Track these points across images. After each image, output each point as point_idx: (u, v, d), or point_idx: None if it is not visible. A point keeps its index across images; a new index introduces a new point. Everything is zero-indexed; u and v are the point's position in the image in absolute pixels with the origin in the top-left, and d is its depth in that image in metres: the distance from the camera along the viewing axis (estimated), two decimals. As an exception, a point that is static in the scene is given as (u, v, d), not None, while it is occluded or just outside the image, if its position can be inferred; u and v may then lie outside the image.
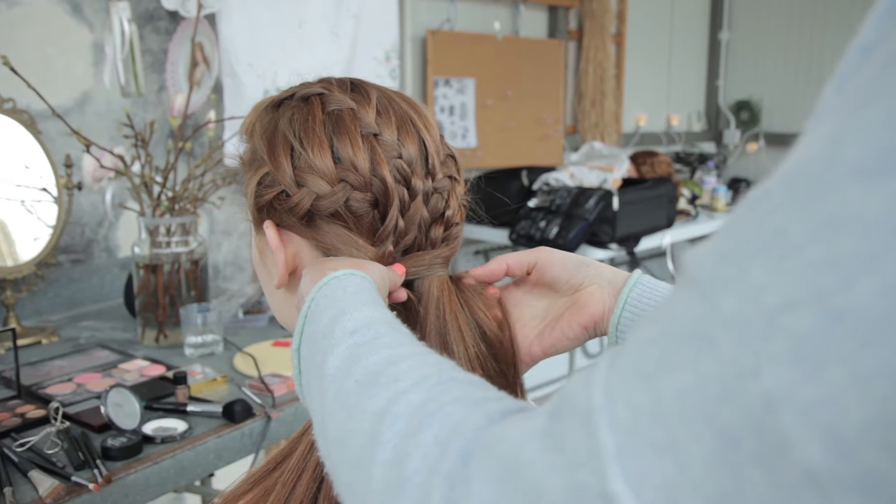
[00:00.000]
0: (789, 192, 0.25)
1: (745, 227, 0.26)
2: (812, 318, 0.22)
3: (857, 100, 0.24)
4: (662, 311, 0.27)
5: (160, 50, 1.95)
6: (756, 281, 0.24)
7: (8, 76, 1.30)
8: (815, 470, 0.21)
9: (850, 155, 0.23)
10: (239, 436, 1.11)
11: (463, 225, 0.65)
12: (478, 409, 0.33)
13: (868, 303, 0.21)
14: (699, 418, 0.24)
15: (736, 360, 0.23)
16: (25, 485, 0.92)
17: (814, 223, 0.23)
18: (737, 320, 0.24)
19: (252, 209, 0.63)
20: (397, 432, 0.34)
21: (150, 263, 1.45)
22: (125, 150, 1.50)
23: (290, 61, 2.16)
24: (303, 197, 0.57)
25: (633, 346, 0.28)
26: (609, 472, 0.25)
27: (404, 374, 0.38)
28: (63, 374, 1.29)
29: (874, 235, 0.22)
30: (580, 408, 0.27)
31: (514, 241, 2.59)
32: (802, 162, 0.25)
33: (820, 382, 0.22)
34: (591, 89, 3.37)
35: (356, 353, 0.42)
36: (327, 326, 0.46)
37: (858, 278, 0.21)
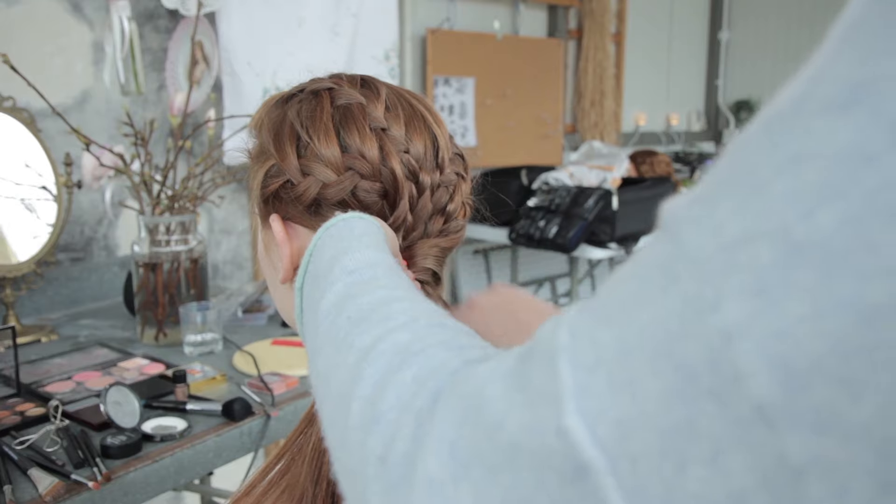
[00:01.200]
0: (762, 132, 0.24)
1: (718, 171, 0.25)
2: (772, 250, 0.22)
3: (838, 41, 0.24)
4: (632, 258, 0.27)
5: (160, 48, 1.95)
6: (721, 217, 0.23)
7: (8, 74, 1.30)
8: (767, 404, 0.21)
9: (822, 91, 0.23)
10: (238, 434, 1.11)
11: (465, 223, 0.65)
12: (460, 352, 0.34)
13: (828, 234, 0.21)
14: (659, 353, 0.24)
15: (697, 293, 0.23)
16: (25, 483, 0.92)
17: (780, 159, 0.23)
18: (700, 255, 0.24)
19: (258, 201, 0.63)
20: (378, 369, 0.34)
21: (149, 262, 1.45)
22: (125, 149, 1.50)
23: (289, 60, 2.16)
24: (309, 185, 0.57)
25: (603, 289, 0.28)
26: (565, 408, 0.25)
27: (395, 314, 0.38)
28: (62, 373, 1.30)
29: (838, 166, 0.21)
30: (546, 348, 0.27)
31: (514, 240, 2.59)
32: (779, 101, 0.24)
33: (777, 315, 0.21)
34: (591, 89, 3.37)
35: (352, 291, 0.42)
36: (328, 264, 0.46)
37: (819, 209, 0.21)
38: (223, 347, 1.43)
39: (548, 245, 2.48)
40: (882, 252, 0.20)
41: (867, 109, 0.21)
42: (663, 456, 0.23)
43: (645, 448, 0.23)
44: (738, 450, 0.22)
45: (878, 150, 0.21)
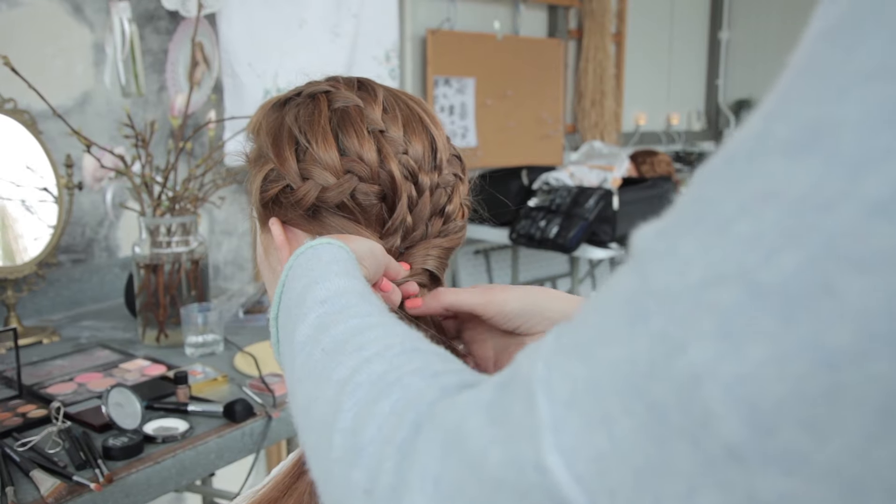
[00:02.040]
0: (724, 168, 0.25)
1: (684, 204, 0.26)
2: (736, 293, 0.22)
3: (795, 74, 0.24)
4: (606, 285, 0.28)
5: (160, 50, 1.95)
6: (686, 255, 0.24)
7: (9, 76, 1.30)
8: (737, 445, 0.22)
9: (779, 129, 0.23)
10: (240, 435, 1.11)
11: (465, 223, 0.65)
12: (436, 380, 0.34)
13: (788, 278, 0.21)
14: (630, 392, 0.24)
15: (665, 334, 0.23)
16: (27, 484, 0.92)
17: (742, 198, 0.23)
18: (666, 294, 0.24)
19: (257, 206, 0.63)
20: (357, 401, 0.35)
21: (150, 263, 1.45)
22: (126, 150, 1.50)
23: (290, 61, 2.16)
24: (308, 189, 0.57)
25: (577, 319, 0.28)
26: (544, 444, 0.26)
27: (369, 343, 0.39)
28: (64, 374, 1.30)
29: (797, 210, 0.22)
30: (524, 379, 0.28)
31: (514, 240, 2.59)
32: (740, 137, 0.25)
33: (741, 359, 0.22)
34: (591, 88, 3.37)
35: (325, 321, 0.43)
36: (300, 295, 0.47)
37: (780, 254, 0.21)
38: (224, 348, 1.43)
39: (548, 245, 2.48)
40: (841, 297, 0.20)
41: (823, 153, 0.22)
42: (640, 493, 0.24)
43: (622, 485, 0.24)
44: (711, 488, 0.22)
45: (834, 197, 0.21)
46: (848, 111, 0.21)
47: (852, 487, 0.21)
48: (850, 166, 0.21)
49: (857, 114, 0.21)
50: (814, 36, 0.24)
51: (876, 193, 0.20)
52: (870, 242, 0.20)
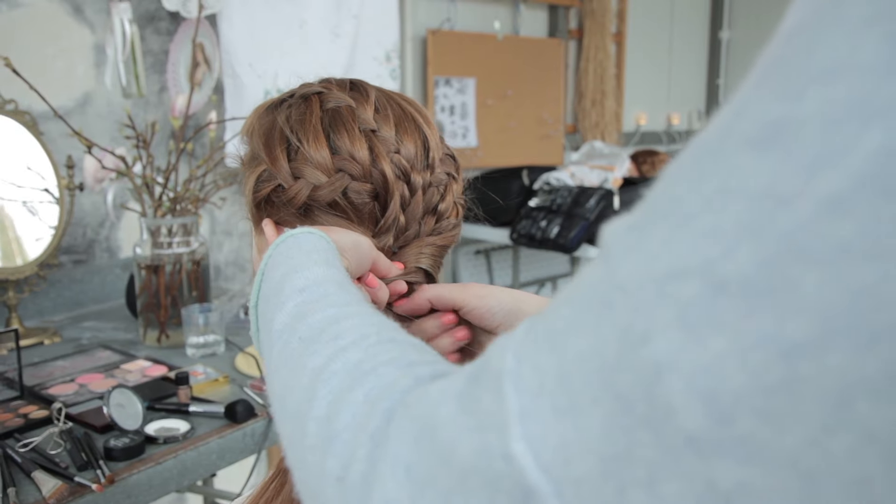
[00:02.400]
0: (691, 163, 0.25)
1: (652, 198, 0.26)
2: (697, 286, 0.23)
3: (760, 72, 0.25)
4: (577, 278, 0.28)
5: (161, 51, 1.95)
6: (652, 248, 0.24)
7: (9, 77, 1.30)
8: (696, 435, 0.22)
9: (743, 126, 0.24)
10: (241, 436, 1.11)
11: (460, 221, 0.66)
12: (410, 370, 0.34)
13: (747, 272, 0.22)
14: (597, 382, 0.24)
15: (630, 325, 0.24)
16: (29, 485, 0.92)
17: (706, 193, 0.24)
18: (632, 286, 0.24)
19: (251, 206, 0.63)
20: (331, 389, 0.35)
21: (151, 264, 1.45)
22: (126, 151, 1.50)
23: (290, 62, 2.16)
24: (300, 188, 0.58)
25: (547, 311, 0.28)
26: (511, 434, 0.26)
27: (345, 332, 0.39)
28: (65, 375, 1.30)
29: (756, 206, 0.22)
30: (494, 369, 0.28)
31: (515, 240, 2.59)
32: (707, 133, 0.25)
33: (702, 350, 0.22)
34: (592, 88, 3.37)
35: (303, 310, 0.43)
36: (278, 283, 0.47)
37: (739, 248, 0.22)
38: (225, 349, 1.43)
39: (549, 245, 2.48)
40: (799, 291, 0.21)
41: (783, 150, 0.22)
42: (605, 481, 0.24)
43: (588, 473, 0.24)
44: (673, 477, 0.23)
45: (792, 192, 0.21)
46: (806, 109, 0.22)
47: (809, 477, 0.21)
48: (808, 162, 0.21)
49: (814, 111, 0.22)
50: (780, 36, 0.25)
51: (831, 189, 0.21)
52: (825, 237, 0.21)
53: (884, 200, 0.20)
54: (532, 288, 3.34)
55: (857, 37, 0.22)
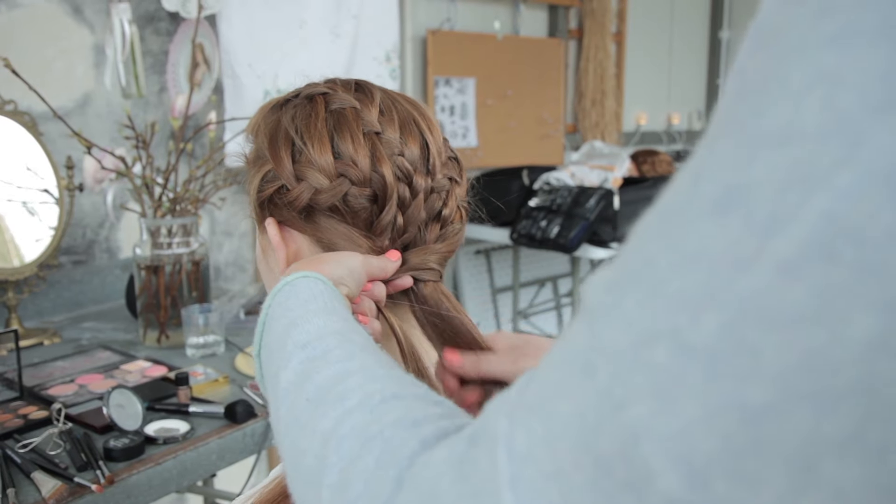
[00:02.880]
0: (659, 224, 0.26)
1: (627, 256, 0.27)
2: (667, 352, 0.23)
3: (714, 131, 0.25)
4: (564, 334, 0.29)
5: (161, 51, 1.95)
6: (628, 312, 0.25)
7: (9, 78, 1.30)
8: (676, 499, 0.23)
9: (703, 191, 0.24)
10: (241, 436, 1.11)
11: (464, 226, 0.65)
12: (415, 431, 0.35)
13: (711, 338, 0.22)
14: (580, 447, 0.25)
15: (609, 390, 0.25)
16: (28, 486, 0.92)
17: (674, 257, 0.24)
18: (611, 351, 0.25)
19: (255, 206, 0.64)
20: (342, 456, 0.36)
21: (151, 264, 1.45)
22: (126, 152, 1.50)
23: (290, 62, 2.16)
24: (302, 191, 0.58)
25: (539, 370, 0.29)
26: (503, 499, 0.27)
27: (350, 392, 0.39)
28: (65, 376, 1.30)
29: (716, 271, 0.23)
30: (490, 434, 0.29)
31: (515, 240, 2.59)
32: (673, 193, 0.26)
33: (674, 416, 0.23)
34: (592, 88, 3.37)
35: (307, 368, 0.43)
36: (280, 338, 0.47)
37: (703, 314, 0.23)
38: (225, 349, 1.43)
39: (549, 245, 2.48)
40: (758, 356, 0.21)
41: (739, 215, 0.23)
42: None
43: None
44: None
45: (748, 257, 0.22)
46: (757, 174, 0.23)
47: None
48: (761, 227, 0.22)
49: (764, 177, 0.22)
50: (732, 90, 0.26)
51: (783, 254, 0.21)
52: (780, 302, 0.21)
53: (829, 265, 0.21)
54: (532, 287, 3.34)
55: (799, 101, 0.22)
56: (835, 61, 0.22)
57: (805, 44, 0.23)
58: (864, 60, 0.21)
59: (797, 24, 0.23)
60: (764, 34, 0.25)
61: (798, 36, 0.23)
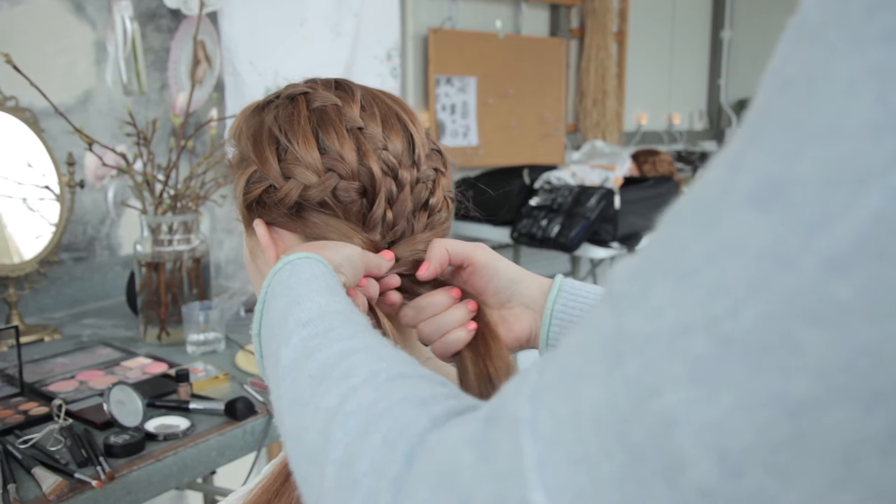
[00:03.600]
0: (692, 214, 0.26)
1: (656, 245, 0.27)
2: (705, 342, 0.23)
3: (755, 123, 0.25)
4: (587, 320, 0.29)
5: (162, 48, 1.95)
6: (658, 301, 0.25)
7: (10, 74, 1.30)
8: (708, 488, 0.23)
9: (742, 182, 0.24)
10: (241, 433, 1.11)
11: (451, 215, 0.66)
12: (424, 409, 0.34)
13: (751, 330, 0.22)
14: (610, 433, 0.25)
15: (640, 378, 0.25)
16: (29, 481, 0.92)
17: (709, 247, 0.24)
18: (641, 339, 0.25)
19: (242, 208, 0.64)
20: (348, 432, 0.35)
21: (152, 261, 1.45)
22: (127, 149, 1.50)
23: (291, 60, 2.16)
24: (291, 188, 0.58)
25: (560, 354, 0.29)
26: (529, 483, 0.26)
27: (355, 370, 0.39)
28: (66, 372, 1.30)
29: (759, 264, 0.23)
30: (510, 416, 0.29)
31: (516, 239, 2.59)
32: (707, 183, 0.26)
33: (711, 406, 0.23)
34: (593, 88, 3.37)
35: (309, 345, 0.43)
36: (282, 315, 0.47)
37: (744, 306, 0.23)
38: (226, 346, 1.43)
39: (550, 244, 2.48)
40: (802, 350, 0.21)
41: (782, 209, 0.23)
42: None
43: None
44: None
45: (793, 252, 0.22)
46: (804, 168, 0.22)
47: None
48: (807, 223, 0.22)
49: (812, 171, 0.22)
50: (774, 83, 0.25)
51: (830, 250, 0.21)
52: (825, 298, 0.21)
53: (880, 264, 0.21)
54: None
55: (850, 97, 0.22)
56: (887, 58, 0.21)
57: (855, 40, 0.22)
58: None
59: (846, 20, 0.23)
60: (807, 29, 0.25)
61: (847, 32, 0.23)
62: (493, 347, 0.60)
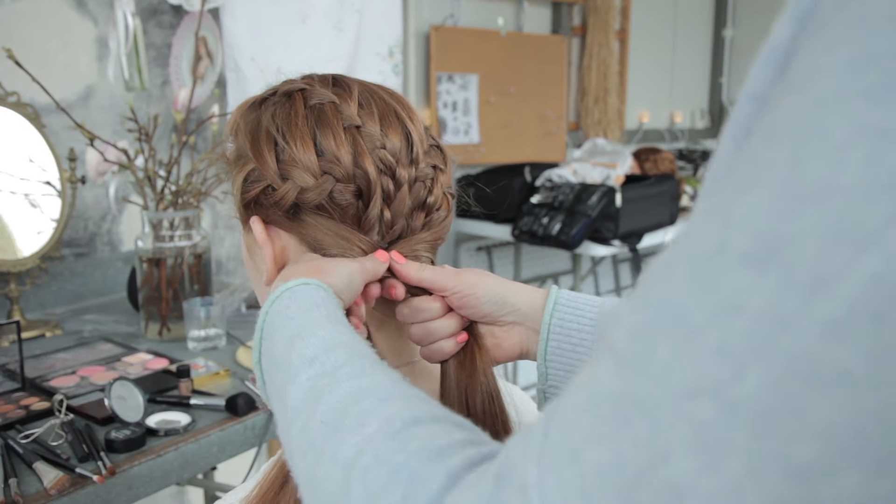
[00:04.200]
0: (689, 270, 0.25)
1: (654, 300, 0.26)
2: (711, 408, 0.23)
3: (743, 176, 0.25)
4: (588, 373, 0.28)
5: (164, 44, 1.95)
6: (662, 363, 0.25)
7: (12, 69, 1.30)
8: None
9: (736, 240, 0.24)
10: (242, 429, 1.11)
11: (451, 213, 0.65)
12: (441, 462, 0.34)
13: (756, 395, 0.22)
14: (618, 499, 0.25)
15: (648, 443, 0.24)
16: (30, 476, 0.92)
17: (709, 309, 0.24)
18: (648, 402, 0.25)
19: (239, 206, 0.64)
20: (367, 487, 0.35)
21: (153, 257, 1.45)
22: (129, 144, 1.50)
23: (293, 56, 2.16)
24: (288, 190, 0.58)
25: (564, 413, 0.28)
26: None
27: (368, 416, 0.38)
28: (67, 367, 1.30)
29: (759, 328, 0.22)
30: (519, 480, 0.29)
31: (517, 237, 2.59)
32: (700, 235, 0.26)
33: (719, 473, 0.22)
34: (595, 86, 3.37)
35: (317, 385, 0.42)
36: (285, 350, 0.46)
37: (747, 370, 0.22)
38: (227, 343, 1.44)
39: (551, 242, 2.48)
40: (806, 415, 0.21)
41: (778, 270, 0.22)
42: None
43: None
44: None
45: (792, 316, 0.22)
46: (799, 228, 0.22)
47: None
48: (804, 285, 0.22)
49: (807, 232, 0.22)
50: (763, 133, 0.25)
51: (829, 315, 0.21)
52: (827, 363, 0.21)
53: (880, 328, 0.20)
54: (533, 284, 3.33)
55: (841, 156, 0.22)
56: (879, 116, 0.21)
57: (843, 94, 0.22)
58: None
59: (831, 73, 0.23)
60: (795, 75, 0.24)
61: (834, 85, 0.22)
62: (479, 362, 0.60)
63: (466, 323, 0.62)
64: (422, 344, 0.61)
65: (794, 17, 0.27)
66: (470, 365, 0.60)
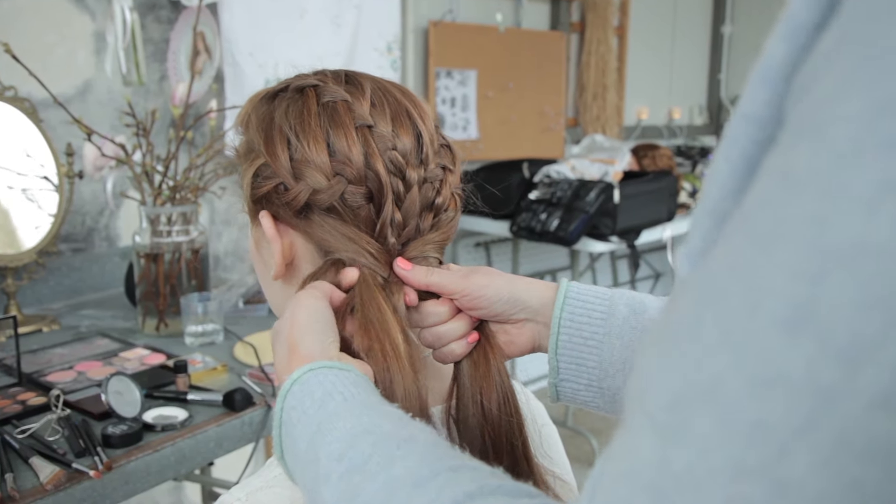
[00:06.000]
0: (720, 334, 0.24)
1: (688, 365, 0.25)
2: (760, 489, 0.22)
3: (765, 229, 0.24)
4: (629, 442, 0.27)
5: (162, 39, 1.94)
6: (702, 437, 0.24)
7: (9, 64, 1.30)
8: None
9: (768, 303, 0.23)
10: (239, 424, 1.12)
11: (458, 213, 0.65)
12: None
13: (808, 475, 0.21)
14: None
15: None
16: (26, 471, 0.92)
17: (746, 377, 0.23)
18: (689, 479, 0.24)
19: (248, 200, 0.63)
20: None
21: (150, 252, 1.45)
22: (126, 139, 1.50)
23: (291, 51, 2.15)
24: (301, 191, 0.57)
25: (607, 480, 0.28)
26: None
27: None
28: (64, 362, 1.30)
29: (802, 401, 0.22)
30: None
31: (515, 233, 2.59)
32: (726, 295, 0.25)
33: None
34: (593, 82, 3.36)
35: (351, 484, 0.42)
36: (309, 448, 0.45)
37: (795, 449, 0.22)
38: (224, 338, 1.44)
39: (549, 238, 2.48)
40: (862, 490, 0.21)
41: (814, 337, 0.22)
42: None
43: None
44: None
45: (834, 387, 0.21)
46: (830, 293, 0.21)
47: None
48: (844, 354, 0.21)
49: (839, 296, 0.21)
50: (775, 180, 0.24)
51: (874, 386, 0.21)
52: (880, 433, 0.21)
53: None
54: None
55: (869, 214, 0.21)
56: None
57: (863, 147, 0.22)
58: None
59: (848, 122, 0.22)
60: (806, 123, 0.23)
61: (853, 135, 0.22)
62: (493, 361, 0.60)
63: (476, 323, 0.62)
64: (433, 347, 0.61)
65: (787, 36, 0.26)
66: (484, 365, 0.60)
